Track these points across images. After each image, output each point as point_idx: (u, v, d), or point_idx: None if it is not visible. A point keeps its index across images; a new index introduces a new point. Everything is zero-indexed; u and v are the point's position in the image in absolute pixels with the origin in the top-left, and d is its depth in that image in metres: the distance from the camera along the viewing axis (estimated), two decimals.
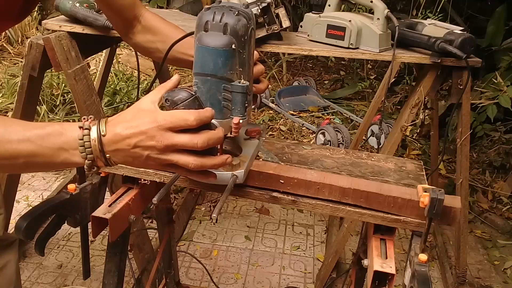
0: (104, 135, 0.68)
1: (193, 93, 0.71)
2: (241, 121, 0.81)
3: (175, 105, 0.70)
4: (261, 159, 0.98)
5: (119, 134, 0.68)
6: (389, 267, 0.82)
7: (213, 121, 0.72)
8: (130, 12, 1.09)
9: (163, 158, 0.69)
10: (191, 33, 0.96)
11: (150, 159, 0.69)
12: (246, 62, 0.81)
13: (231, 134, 0.82)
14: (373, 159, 1.05)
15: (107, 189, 1.03)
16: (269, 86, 4.12)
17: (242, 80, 0.80)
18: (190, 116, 0.68)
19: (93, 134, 0.68)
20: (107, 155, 0.69)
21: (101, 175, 0.99)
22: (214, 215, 0.73)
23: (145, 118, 0.68)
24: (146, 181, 0.98)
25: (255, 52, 0.94)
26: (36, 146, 0.68)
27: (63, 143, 0.68)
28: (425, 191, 0.84)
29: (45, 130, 0.69)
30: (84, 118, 0.70)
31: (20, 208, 2.35)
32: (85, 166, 0.70)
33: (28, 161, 0.69)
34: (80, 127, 0.69)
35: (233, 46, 0.77)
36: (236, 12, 0.78)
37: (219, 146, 0.77)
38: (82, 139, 0.68)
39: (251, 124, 1.03)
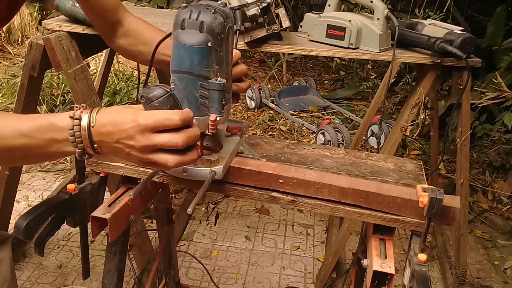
0: (93, 126, 0.70)
1: (168, 90, 0.72)
2: (218, 118, 0.82)
3: (150, 101, 0.70)
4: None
5: (104, 127, 0.70)
6: (388, 267, 0.82)
7: None
8: (113, 15, 1.08)
9: (142, 157, 0.71)
10: None
11: (131, 155, 0.71)
12: (223, 60, 0.81)
13: (208, 131, 0.83)
14: (372, 159, 1.05)
15: (106, 189, 1.03)
16: (269, 86, 4.12)
17: (219, 77, 0.81)
18: (175, 116, 0.69)
19: (84, 122, 0.70)
20: (95, 145, 0.71)
21: (100, 175, 0.99)
22: (189, 209, 0.73)
23: (128, 116, 0.69)
24: None
25: (237, 51, 0.94)
26: (29, 139, 0.70)
27: (54, 133, 0.71)
28: (424, 191, 0.83)
29: (37, 122, 0.71)
30: (76, 107, 0.71)
31: (20, 208, 2.35)
32: (76, 155, 0.72)
33: (24, 153, 0.72)
34: (71, 117, 0.70)
35: (209, 44, 0.77)
36: (213, 10, 0.78)
37: (198, 143, 0.78)
38: (72, 129, 0.70)
39: (233, 121, 1.03)
